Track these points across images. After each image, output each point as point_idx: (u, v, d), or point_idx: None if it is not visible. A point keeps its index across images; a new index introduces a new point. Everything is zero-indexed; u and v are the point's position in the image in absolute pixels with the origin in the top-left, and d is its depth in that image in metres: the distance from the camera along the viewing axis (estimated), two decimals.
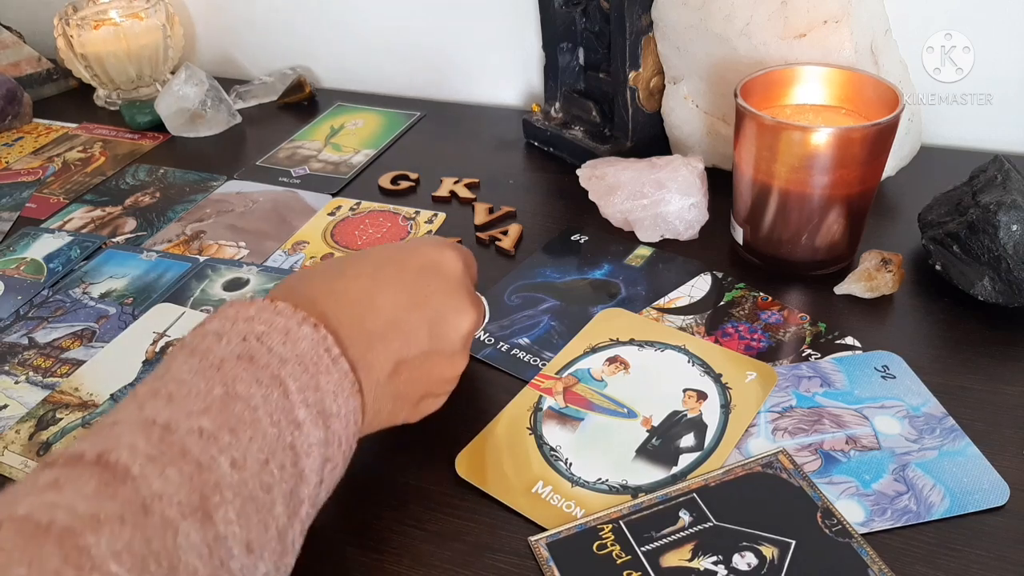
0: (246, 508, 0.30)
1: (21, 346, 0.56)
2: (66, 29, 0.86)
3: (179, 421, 0.31)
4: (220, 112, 0.83)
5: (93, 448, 0.29)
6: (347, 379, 0.36)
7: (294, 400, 0.33)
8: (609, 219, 0.62)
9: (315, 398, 0.34)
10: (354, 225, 0.67)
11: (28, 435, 0.49)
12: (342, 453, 0.36)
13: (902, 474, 0.41)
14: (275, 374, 0.33)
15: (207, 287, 0.60)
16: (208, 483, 0.30)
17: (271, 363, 0.34)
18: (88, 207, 0.72)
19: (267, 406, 0.32)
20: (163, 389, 0.32)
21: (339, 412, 0.35)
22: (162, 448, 0.30)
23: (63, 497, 0.27)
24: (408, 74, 0.89)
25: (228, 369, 0.33)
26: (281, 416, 0.33)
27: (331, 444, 0.35)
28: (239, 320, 0.35)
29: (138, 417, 0.31)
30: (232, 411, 0.32)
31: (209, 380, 0.32)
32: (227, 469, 0.30)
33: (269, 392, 0.33)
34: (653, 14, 0.65)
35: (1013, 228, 0.49)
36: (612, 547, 0.39)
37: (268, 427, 0.32)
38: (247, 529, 0.30)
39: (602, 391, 0.48)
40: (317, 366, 0.35)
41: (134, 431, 0.30)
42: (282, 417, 0.33)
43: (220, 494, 0.30)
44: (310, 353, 0.35)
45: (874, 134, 0.50)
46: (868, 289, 0.53)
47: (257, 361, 0.33)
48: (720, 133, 0.66)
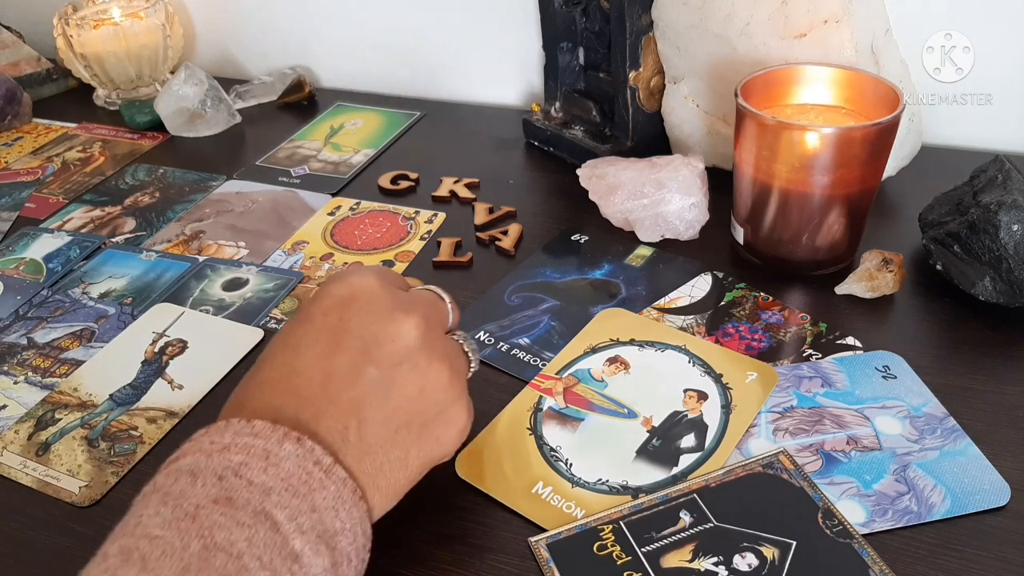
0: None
1: (20, 346, 0.56)
2: (66, 29, 0.86)
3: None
4: (220, 112, 0.83)
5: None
6: (346, 487, 0.32)
7: (286, 532, 0.30)
8: (609, 219, 0.62)
9: (311, 522, 0.31)
10: (354, 225, 0.66)
11: (27, 435, 0.48)
12: (354, 569, 0.33)
13: (903, 474, 0.41)
14: (258, 509, 0.30)
15: (206, 287, 0.60)
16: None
17: (252, 499, 0.30)
18: (87, 207, 0.72)
19: (253, 550, 0.29)
20: (135, 551, 0.28)
21: (343, 527, 0.32)
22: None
23: None
24: (408, 74, 0.89)
25: (204, 516, 0.29)
26: (273, 555, 0.29)
27: (340, 565, 0.32)
28: (213, 453, 0.31)
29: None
30: (214, 566, 0.28)
31: (184, 534, 0.29)
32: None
33: (254, 533, 0.29)
34: (653, 14, 0.65)
35: (1014, 228, 0.49)
36: (612, 548, 0.39)
37: (259, 572, 0.29)
38: None
39: (602, 391, 0.48)
40: (308, 485, 0.31)
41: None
42: (274, 556, 0.29)
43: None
44: (297, 473, 0.31)
45: (874, 134, 0.50)
46: (869, 289, 0.53)
47: (236, 501, 0.30)
48: (720, 133, 0.66)
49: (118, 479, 0.45)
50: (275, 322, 0.56)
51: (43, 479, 0.46)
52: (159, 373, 0.52)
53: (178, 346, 0.54)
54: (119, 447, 0.47)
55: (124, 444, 0.47)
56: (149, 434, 0.48)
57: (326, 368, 0.35)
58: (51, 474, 0.46)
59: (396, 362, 0.36)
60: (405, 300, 0.38)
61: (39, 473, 0.46)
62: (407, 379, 0.36)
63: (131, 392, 0.51)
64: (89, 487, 0.45)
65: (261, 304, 0.58)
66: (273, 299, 0.58)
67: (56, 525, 0.43)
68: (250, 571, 0.28)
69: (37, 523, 0.43)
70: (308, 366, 0.35)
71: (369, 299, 0.37)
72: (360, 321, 0.36)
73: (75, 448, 0.47)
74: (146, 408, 0.50)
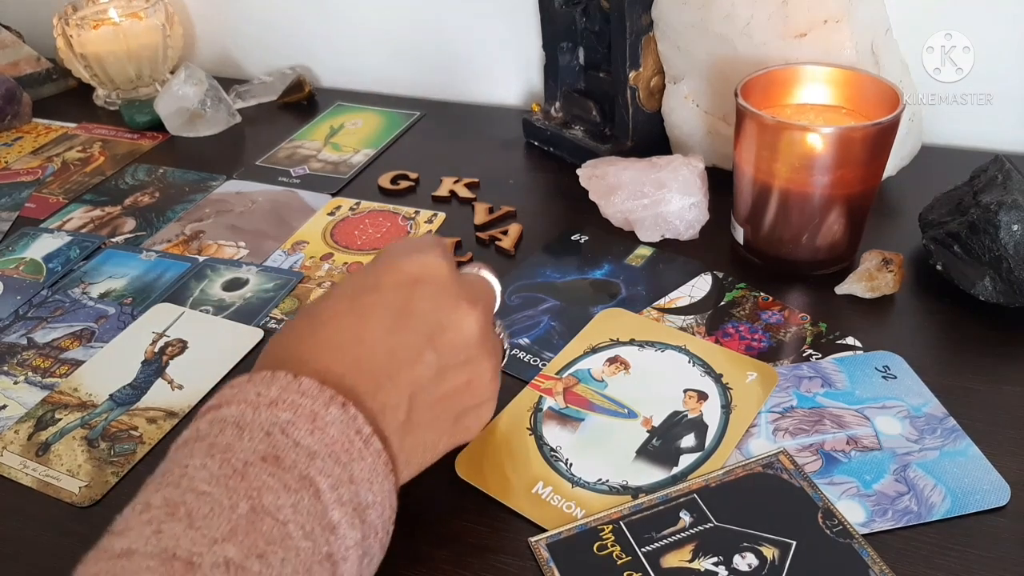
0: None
1: (20, 346, 0.56)
2: (65, 29, 0.85)
3: (202, 553, 0.27)
4: (219, 112, 0.83)
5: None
6: (380, 460, 0.33)
7: (327, 501, 0.30)
8: (609, 219, 0.62)
9: (349, 493, 0.31)
10: (354, 225, 0.66)
11: (27, 435, 0.48)
12: (379, 542, 0.34)
13: (903, 474, 0.41)
14: (303, 474, 0.30)
15: (206, 287, 0.60)
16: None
17: (298, 461, 0.30)
18: (87, 207, 0.72)
19: (298, 517, 0.29)
20: (181, 505, 0.28)
21: (374, 501, 0.32)
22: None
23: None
24: (408, 74, 0.89)
25: (253, 476, 0.29)
26: (315, 524, 0.30)
27: (368, 538, 0.32)
28: (260, 407, 0.32)
29: (155, 546, 0.27)
30: (260, 531, 0.28)
31: (232, 492, 0.29)
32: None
33: (299, 498, 0.30)
34: (653, 13, 0.65)
35: (1014, 228, 0.49)
36: (612, 548, 0.39)
37: (301, 541, 0.29)
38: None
39: (602, 391, 0.48)
40: (349, 454, 0.32)
41: (151, 568, 0.26)
42: (316, 525, 0.30)
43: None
44: (340, 440, 0.32)
45: (875, 134, 0.50)
46: (869, 289, 0.53)
47: (283, 461, 0.30)
48: (720, 133, 0.66)
49: (118, 479, 0.45)
50: (275, 322, 0.56)
51: (43, 479, 0.46)
52: (159, 373, 0.52)
53: (178, 346, 0.54)
54: (119, 447, 0.47)
55: (124, 444, 0.47)
56: (149, 434, 0.48)
57: (391, 345, 0.35)
58: (51, 474, 0.46)
59: (454, 352, 0.37)
60: (469, 290, 0.39)
61: (39, 473, 0.46)
62: (460, 370, 0.37)
63: (131, 392, 0.51)
64: (89, 487, 0.45)
65: (261, 304, 0.58)
66: (273, 299, 0.58)
67: (56, 525, 0.43)
68: (293, 539, 0.29)
69: (37, 523, 0.43)
70: (374, 338, 0.35)
71: (438, 284, 0.37)
72: (428, 306, 0.37)
73: (75, 448, 0.47)
74: (146, 408, 0.50)
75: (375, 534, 0.33)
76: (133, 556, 0.26)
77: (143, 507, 0.29)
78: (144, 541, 0.27)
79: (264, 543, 0.28)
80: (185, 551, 0.27)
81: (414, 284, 0.37)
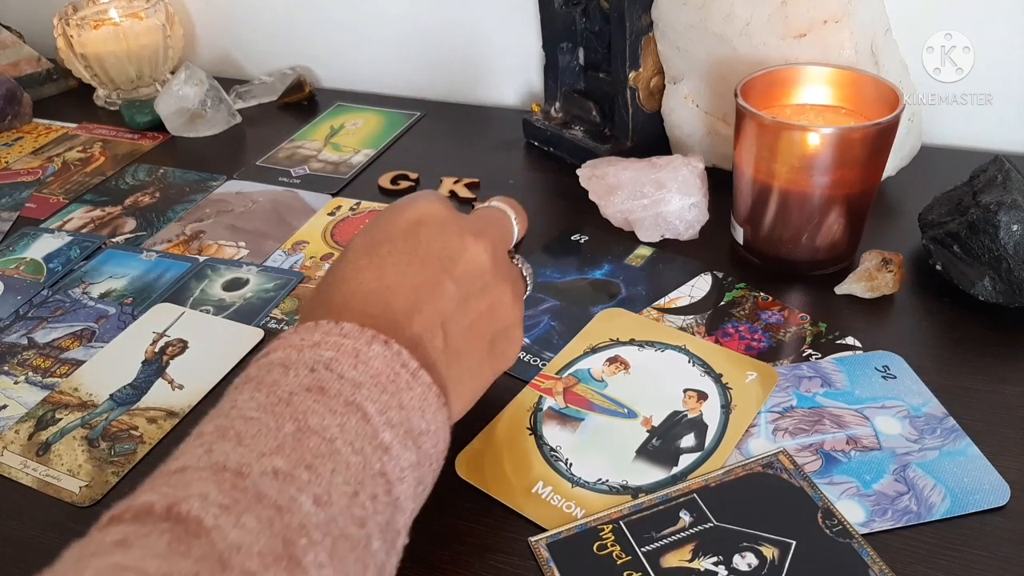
0: (339, 548, 0.28)
1: (20, 346, 0.56)
2: (66, 29, 0.86)
3: (251, 464, 0.28)
4: (220, 112, 0.83)
5: (163, 500, 0.27)
6: (431, 392, 0.34)
7: (376, 423, 0.31)
8: (609, 219, 0.62)
9: (400, 417, 0.32)
10: (354, 225, 0.66)
11: (27, 435, 0.48)
12: (433, 473, 0.34)
13: (903, 474, 0.41)
14: (349, 400, 0.31)
15: (207, 287, 0.60)
16: (291, 526, 0.27)
17: (343, 390, 0.32)
18: (88, 207, 0.72)
19: (345, 435, 0.30)
20: (231, 428, 0.30)
21: (427, 429, 0.33)
22: (235, 496, 0.27)
23: (132, 557, 0.25)
24: (408, 74, 0.89)
25: (298, 403, 0.31)
26: (364, 443, 0.31)
27: (423, 465, 0.33)
28: (304, 348, 0.33)
29: (207, 461, 0.29)
30: (307, 447, 0.29)
31: (278, 416, 0.30)
32: (311, 508, 0.28)
33: (346, 420, 0.31)
34: (653, 14, 0.65)
35: (1013, 228, 0.49)
36: (612, 547, 0.39)
37: (350, 456, 0.30)
38: (344, 572, 0.28)
39: (602, 391, 0.48)
40: (396, 384, 0.33)
41: (204, 479, 0.28)
42: (365, 444, 0.31)
43: (307, 536, 0.27)
44: (385, 372, 0.33)
45: (874, 134, 0.50)
46: (869, 289, 0.53)
47: (328, 391, 0.31)
48: (720, 133, 0.66)
49: (118, 479, 0.45)
50: (275, 322, 0.56)
51: (43, 479, 0.46)
52: (159, 373, 0.52)
53: (178, 346, 0.54)
54: (119, 447, 0.47)
55: (124, 444, 0.47)
56: (149, 434, 0.48)
57: (412, 283, 0.37)
58: (51, 474, 0.46)
59: (471, 280, 0.39)
60: (474, 223, 0.41)
61: (39, 473, 0.46)
62: (479, 296, 0.39)
63: (131, 392, 0.51)
64: (89, 487, 0.45)
65: (261, 304, 0.58)
66: (273, 299, 0.58)
67: (56, 525, 0.43)
68: (342, 455, 0.30)
69: (37, 523, 0.43)
70: (396, 281, 0.37)
71: (440, 222, 0.39)
72: (436, 243, 0.39)
73: (75, 448, 0.47)
74: (146, 408, 0.50)
75: (429, 464, 0.34)
76: (186, 471, 0.28)
77: (196, 435, 0.31)
78: (196, 459, 0.29)
79: (311, 456, 0.29)
80: (235, 463, 0.28)
81: (418, 227, 0.39)
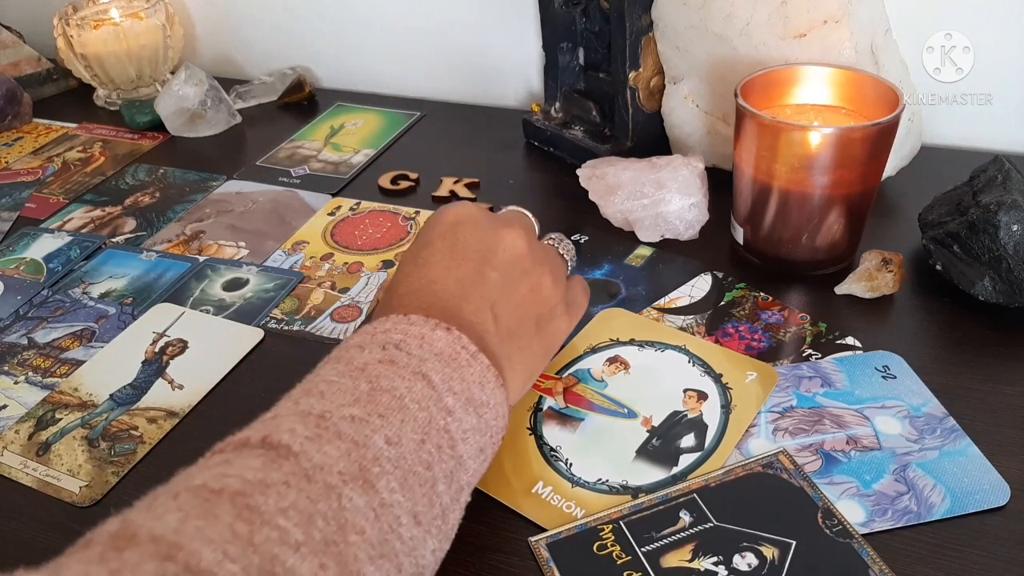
0: (408, 480, 0.32)
1: (21, 346, 0.56)
2: (66, 29, 0.86)
3: (332, 411, 0.33)
4: (220, 112, 0.83)
5: (257, 434, 0.32)
6: (490, 372, 0.37)
7: (440, 390, 0.35)
8: (609, 219, 0.62)
9: (461, 387, 0.36)
10: (354, 225, 0.66)
11: (27, 435, 0.48)
12: (493, 445, 0.38)
13: (903, 474, 0.41)
14: (416, 370, 0.36)
15: (207, 287, 0.60)
16: (366, 457, 0.32)
17: (411, 363, 0.36)
18: (88, 207, 0.72)
19: (412, 395, 0.35)
20: (315, 388, 0.35)
21: (487, 401, 0.37)
22: (319, 431, 0.32)
23: (233, 469, 0.30)
24: (408, 74, 0.89)
25: (372, 370, 0.35)
26: (430, 403, 0.35)
27: (484, 433, 0.37)
28: (377, 333, 0.38)
29: (295, 410, 0.34)
30: (379, 401, 0.34)
31: (355, 379, 0.35)
32: (383, 445, 0.33)
33: (413, 384, 0.35)
34: (653, 14, 0.65)
35: (1013, 228, 0.49)
36: (612, 547, 0.39)
37: (417, 412, 0.34)
38: (412, 501, 0.32)
39: (602, 391, 0.48)
40: (457, 361, 0.37)
41: (292, 420, 0.33)
42: (431, 404, 0.35)
43: (380, 466, 0.32)
44: (447, 351, 0.37)
45: (874, 134, 0.50)
46: (869, 289, 0.53)
47: (397, 362, 0.36)
48: (720, 133, 0.66)
49: (118, 479, 0.45)
50: (275, 322, 0.56)
51: (43, 479, 0.46)
52: (159, 373, 0.52)
53: (178, 346, 0.54)
54: (119, 447, 0.47)
55: (124, 444, 0.47)
56: (149, 434, 0.48)
57: (457, 276, 0.41)
58: (51, 474, 0.46)
59: (510, 265, 0.42)
60: (503, 218, 0.45)
61: (39, 473, 0.46)
62: (520, 280, 0.42)
63: (131, 392, 0.51)
64: (89, 487, 0.45)
65: (261, 304, 0.58)
66: (273, 299, 0.58)
67: (56, 525, 0.43)
68: (410, 411, 0.34)
69: (37, 523, 0.43)
70: (441, 276, 0.41)
71: (474, 220, 0.43)
72: (473, 238, 0.42)
73: (75, 448, 0.47)
74: (146, 408, 0.50)
75: (490, 435, 0.37)
76: (278, 417, 0.34)
77: (286, 397, 0.36)
78: (286, 409, 0.34)
79: (383, 408, 0.34)
80: (318, 410, 0.33)
81: (455, 228, 0.43)
